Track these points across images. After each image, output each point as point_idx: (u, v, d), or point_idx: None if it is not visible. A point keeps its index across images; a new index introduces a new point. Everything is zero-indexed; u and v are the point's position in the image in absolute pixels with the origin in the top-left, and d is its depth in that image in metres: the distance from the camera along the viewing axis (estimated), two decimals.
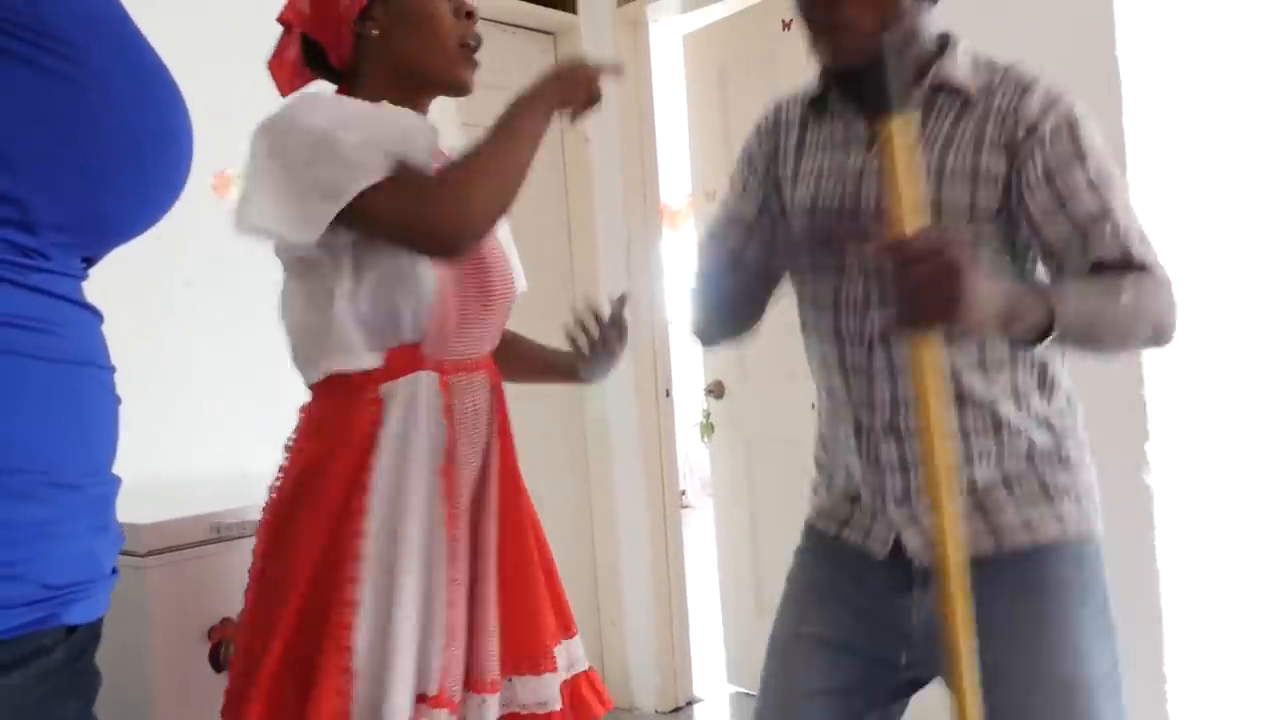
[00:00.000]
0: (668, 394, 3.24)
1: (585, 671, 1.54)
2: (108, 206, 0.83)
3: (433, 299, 1.37)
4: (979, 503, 1.31)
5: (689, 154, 3.37)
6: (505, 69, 2.44)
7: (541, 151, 1.38)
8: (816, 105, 1.40)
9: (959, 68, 1.30)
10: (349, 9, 1.41)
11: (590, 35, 3.17)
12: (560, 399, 3.17)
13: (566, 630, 1.52)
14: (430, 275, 1.36)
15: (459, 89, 1.46)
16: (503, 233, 1.55)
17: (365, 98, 1.41)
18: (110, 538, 0.89)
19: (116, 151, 0.81)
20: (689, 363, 3.32)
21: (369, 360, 1.37)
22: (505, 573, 1.44)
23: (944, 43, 1.34)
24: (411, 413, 1.37)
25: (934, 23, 1.33)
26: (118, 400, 0.90)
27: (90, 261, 0.90)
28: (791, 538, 1.50)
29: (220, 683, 1.63)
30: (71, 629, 0.84)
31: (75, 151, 0.79)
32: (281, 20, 1.47)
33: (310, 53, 1.47)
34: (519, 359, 1.63)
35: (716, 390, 3.25)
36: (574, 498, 3.30)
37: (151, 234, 0.93)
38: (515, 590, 1.45)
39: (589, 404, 3.24)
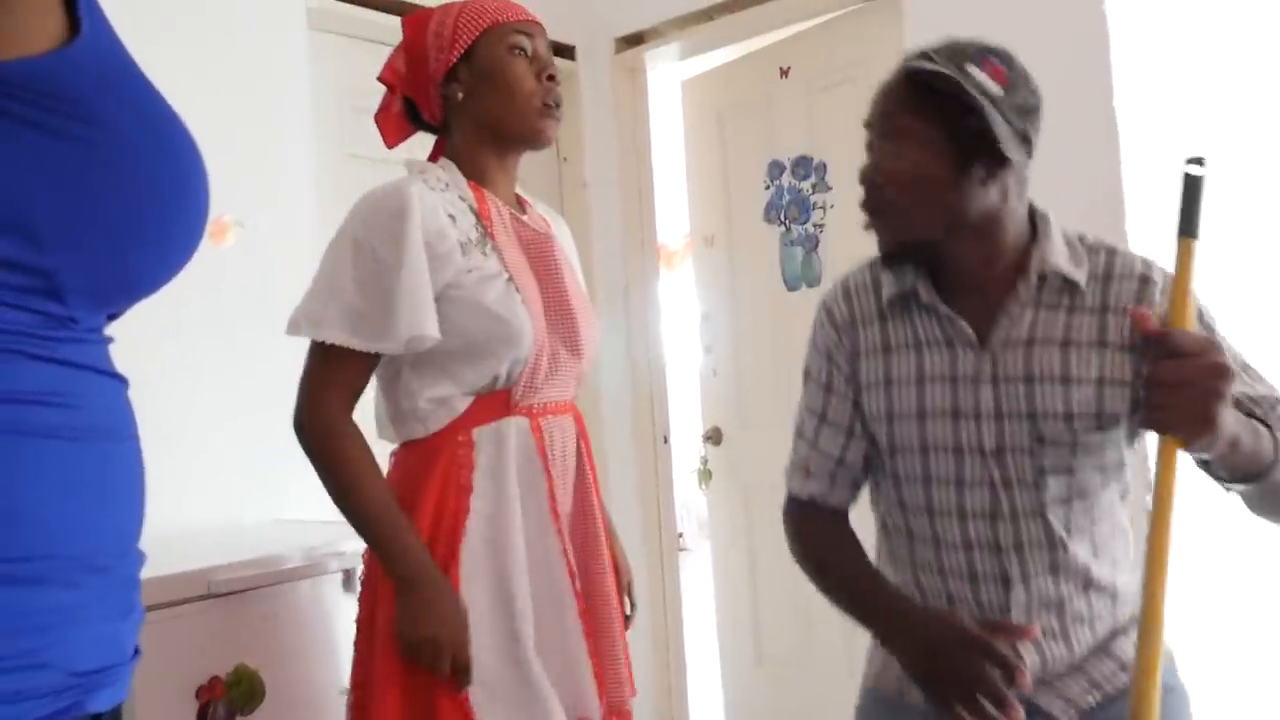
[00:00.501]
0: (665, 440, 3.22)
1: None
2: (133, 263, 0.82)
3: (530, 352, 1.45)
4: (1075, 665, 1.27)
5: (687, 198, 3.38)
6: None
7: (539, 190, 1.42)
8: (898, 300, 1.30)
9: (1059, 253, 1.24)
10: (436, 71, 1.50)
11: (589, 82, 3.19)
12: None
13: None
14: (529, 330, 1.43)
15: (537, 144, 1.54)
16: (581, 279, 1.65)
17: (459, 150, 1.53)
18: (134, 618, 0.87)
19: (138, 207, 0.80)
20: (687, 408, 3.30)
21: (444, 419, 1.45)
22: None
23: (1033, 218, 1.28)
24: (503, 456, 1.45)
25: (1020, 193, 1.25)
26: (143, 472, 0.88)
27: (114, 316, 0.88)
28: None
29: None
30: (95, 717, 0.81)
31: (98, 212, 0.77)
32: (383, 80, 1.56)
33: (411, 109, 1.57)
34: None
35: (714, 436, 3.23)
36: None
37: None
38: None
39: None
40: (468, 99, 1.50)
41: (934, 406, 1.26)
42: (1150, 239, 2.12)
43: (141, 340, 0.93)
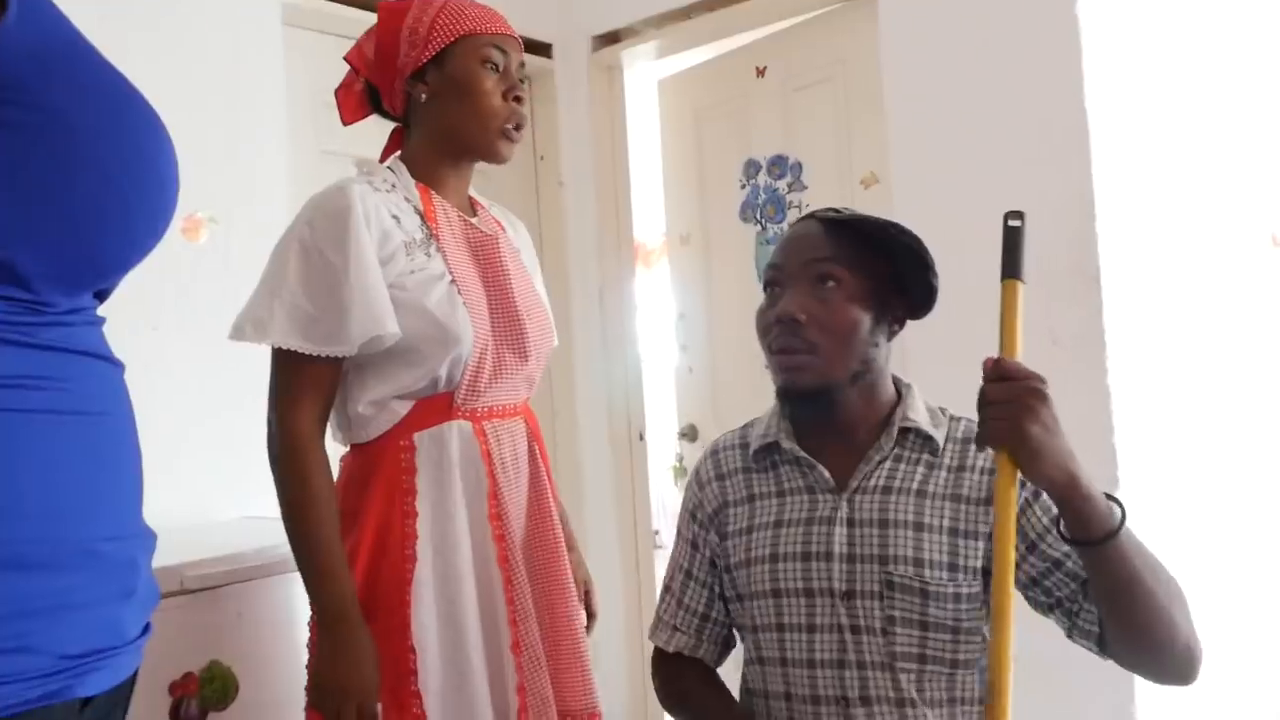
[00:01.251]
0: (641, 437, 3.23)
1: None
2: (98, 244, 0.80)
3: (471, 354, 1.42)
4: None
5: (663, 196, 3.38)
6: None
7: (515, 188, 1.39)
8: (763, 452, 1.37)
9: (920, 413, 1.32)
10: (404, 67, 1.48)
11: (566, 80, 3.19)
12: None
13: None
14: (469, 332, 1.41)
15: (492, 160, 1.52)
16: (538, 285, 1.63)
17: (415, 149, 1.51)
18: (138, 600, 0.85)
19: (93, 188, 0.78)
20: (663, 406, 3.31)
21: (385, 424, 1.43)
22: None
23: (898, 386, 1.36)
24: (445, 460, 1.43)
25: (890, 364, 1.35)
26: (139, 454, 0.87)
27: (104, 295, 0.87)
28: None
29: None
30: (88, 700, 0.80)
31: (50, 199, 0.75)
32: (348, 60, 1.53)
33: (373, 95, 1.54)
34: None
35: (690, 434, 3.24)
36: None
37: None
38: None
39: (561, 448, 3.22)
40: (431, 101, 1.48)
41: (786, 550, 1.29)
42: (1120, 240, 2.14)
43: (113, 335, 0.92)
